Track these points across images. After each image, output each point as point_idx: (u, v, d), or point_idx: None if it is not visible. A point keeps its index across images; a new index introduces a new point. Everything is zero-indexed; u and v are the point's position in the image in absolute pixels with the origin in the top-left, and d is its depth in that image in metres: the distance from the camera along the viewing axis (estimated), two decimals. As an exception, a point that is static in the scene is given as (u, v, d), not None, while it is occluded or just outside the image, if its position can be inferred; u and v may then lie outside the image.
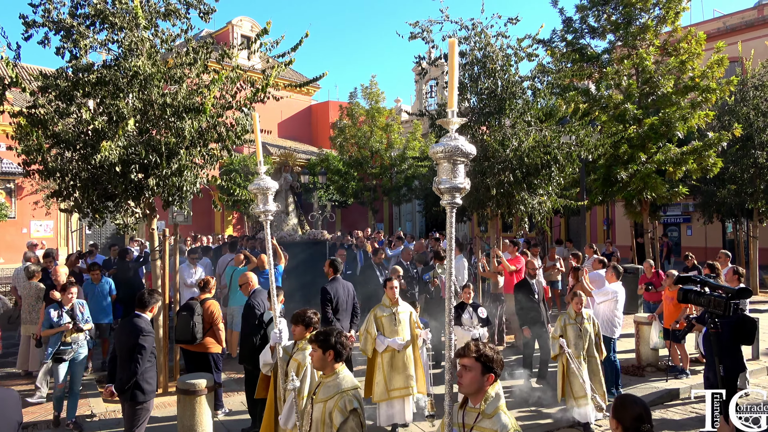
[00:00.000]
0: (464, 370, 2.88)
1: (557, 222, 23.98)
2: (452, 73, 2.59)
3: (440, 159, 2.62)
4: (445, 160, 2.61)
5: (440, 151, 2.60)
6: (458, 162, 2.61)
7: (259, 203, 4.43)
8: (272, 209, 4.44)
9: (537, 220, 10.39)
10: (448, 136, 2.62)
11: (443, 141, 2.61)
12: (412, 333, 6.30)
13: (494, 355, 2.89)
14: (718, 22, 23.49)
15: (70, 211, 7.60)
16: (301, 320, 4.50)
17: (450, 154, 2.58)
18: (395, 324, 6.20)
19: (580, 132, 9.66)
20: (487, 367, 2.86)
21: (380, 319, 6.24)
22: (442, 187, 2.64)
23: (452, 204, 2.66)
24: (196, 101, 6.92)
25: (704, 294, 3.27)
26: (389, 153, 24.40)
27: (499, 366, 2.90)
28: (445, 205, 2.68)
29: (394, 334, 6.16)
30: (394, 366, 6.13)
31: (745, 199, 14.07)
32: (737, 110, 13.71)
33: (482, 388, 2.87)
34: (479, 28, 9.77)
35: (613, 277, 7.66)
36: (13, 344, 9.12)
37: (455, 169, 2.62)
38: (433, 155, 2.64)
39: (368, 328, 6.21)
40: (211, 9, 7.44)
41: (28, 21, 6.66)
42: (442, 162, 2.62)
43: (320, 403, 3.44)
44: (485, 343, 2.97)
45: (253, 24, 27.68)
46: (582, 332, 6.38)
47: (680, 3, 11.84)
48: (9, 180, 20.33)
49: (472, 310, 7.25)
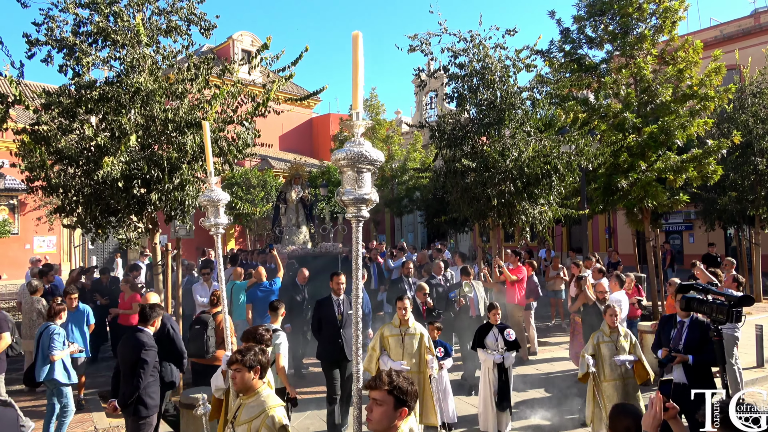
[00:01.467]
0: (374, 404, 2.61)
1: (559, 231, 23.95)
2: (356, 70, 2.36)
3: (343, 167, 2.36)
4: (349, 168, 2.35)
5: (342, 158, 2.34)
6: (363, 170, 2.36)
7: (209, 216, 4.18)
8: (223, 222, 4.20)
9: (538, 230, 10.40)
10: (352, 141, 2.36)
11: (346, 146, 2.36)
12: (421, 357, 5.86)
13: (408, 386, 2.64)
14: (715, 30, 23.64)
15: (73, 226, 7.64)
16: (252, 338, 4.19)
17: (354, 161, 2.32)
18: (402, 346, 5.83)
19: (580, 141, 9.69)
20: (400, 401, 2.61)
21: (387, 338, 5.92)
22: (345, 199, 2.37)
23: (358, 217, 2.40)
24: (198, 116, 6.99)
25: (706, 302, 3.27)
26: (390, 164, 24.48)
27: (412, 399, 2.66)
28: (350, 219, 2.42)
29: (399, 357, 5.79)
30: None
31: (746, 206, 14.08)
32: (736, 118, 13.77)
33: (393, 425, 2.61)
34: (477, 40, 9.85)
35: (616, 286, 7.65)
36: (18, 360, 9.12)
37: (360, 178, 2.36)
38: (335, 162, 2.40)
39: (374, 345, 5.95)
40: (212, 25, 7.55)
41: (31, 39, 6.74)
42: (346, 170, 2.36)
43: (243, 425, 3.26)
44: (398, 373, 2.70)
45: (253, 39, 27.93)
46: (618, 350, 5.72)
47: (677, 13, 11.92)
48: (12, 196, 20.42)
49: (498, 332, 6.59)
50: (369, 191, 2.37)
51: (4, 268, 19.36)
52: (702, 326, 5.42)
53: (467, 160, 9.30)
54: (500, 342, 6.53)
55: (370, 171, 2.37)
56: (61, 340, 6.40)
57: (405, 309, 5.92)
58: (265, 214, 21.76)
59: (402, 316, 5.94)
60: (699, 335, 5.40)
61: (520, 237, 10.91)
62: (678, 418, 2.83)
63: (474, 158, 9.45)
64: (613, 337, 5.80)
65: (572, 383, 8.42)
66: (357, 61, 2.35)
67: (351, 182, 2.36)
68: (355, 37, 2.33)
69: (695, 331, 5.46)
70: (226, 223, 4.24)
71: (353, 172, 2.35)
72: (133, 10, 7.07)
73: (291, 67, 7.63)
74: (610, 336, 5.82)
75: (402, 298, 6.06)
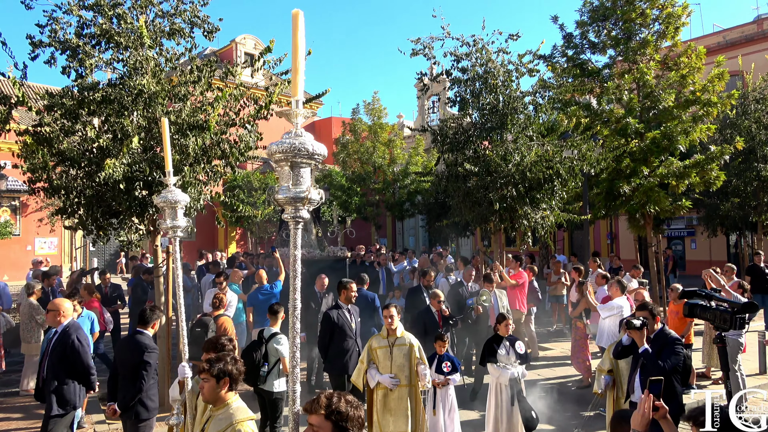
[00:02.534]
0: (311, 430, 2.38)
1: (560, 236, 23.92)
2: (296, 52, 2.12)
3: (279, 161, 2.09)
4: (285, 162, 2.08)
5: (277, 151, 2.06)
6: (302, 165, 2.09)
7: (166, 218, 3.87)
8: (182, 225, 3.91)
9: (540, 235, 10.38)
10: (290, 132, 2.11)
11: (283, 138, 2.09)
12: (412, 369, 5.43)
13: (350, 411, 2.37)
14: (718, 36, 23.63)
15: (74, 228, 7.64)
16: (213, 348, 3.91)
17: (290, 155, 2.05)
18: (390, 358, 5.41)
19: (582, 146, 9.69)
20: (340, 428, 2.34)
21: (375, 350, 5.49)
22: (279, 197, 2.10)
23: (296, 218, 2.14)
24: (200, 119, 6.99)
25: (710, 308, 3.25)
26: (392, 168, 24.49)
27: (355, 425, 2.38)
28: (287, 219, 2.17)
29: (387, 370, 5.38)
30: (386, 406, 5.35)
31: (748, 212, 14.05)
32: (739, 124, 13.76)
33: None
34: (480, 44, 9.87)
35: (617, 292, 7.62)
36: (18, 362, 9.11)
37: (298, 174, 2.10)
38: (270, 156, 2.12)
39: (362, 358, 5.56)
40: (215, 28, 7.56)
41: (35, 41, 6.76)
42: (282, 165, 2.10)
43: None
44: (341, 396, 2.44)
45: (256, 42, 28.00)
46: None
47: (680, 18, 11.93)
48: (14, 197, 20.46)
49: (509, 345, 6.01)
50: (306, 189, 2.09)
51: (6, 269, 19.38)
52: (664, 340, 4.62)
53: (469, 164, 9.30)
54: (512, 356, 5.95)
55: (309, 166, 2.11)
56: None
57: (392, 318, 5.49)
58: (266, 216, 21.76)
59: (389, 326, 5.50)
60: (658, 347, 4.58)
61: (521, 241, 10.90)
62: (668, 418, 2.81)
63: (476, 162, 9.45)
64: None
65: (574, 389, 8.39)
66: (297, 43, 2.10)
67: (287, 178, 2.09)
68: (295, 15, 2.09)
69: (654, 344, 4.64)
70: (185, 225, 3.95)
71: (290, 167, 2.08)
72: (137, 13, 7.09)
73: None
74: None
75: (388, 307, 5.62)
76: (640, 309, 4.99)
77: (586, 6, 12.53)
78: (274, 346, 5.84)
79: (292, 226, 2.17)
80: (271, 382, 5.82)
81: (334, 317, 6.52)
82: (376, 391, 5.43)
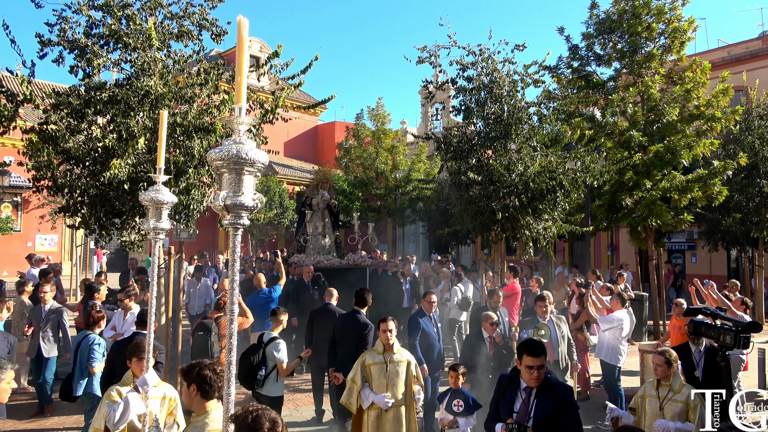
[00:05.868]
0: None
1: (561, 247, 23.91)
2: (240, 59, 2.13)
3: (220, 168, 2.10)
4: (226, 169, 2.08)
5: (217, 157, 2.05)
6: (244, 172, 2.10)
7: (149, 218, 3.52)
8: (165, 228, 3.56)
9: (542, 245, 10.37)
10: (232, 139, 2.11)
11: (224, 145, 2.09)
12: (408, 389, 5.10)
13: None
14: (723, 51, 23.70)
15: (76, 227, 7.64)
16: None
17: (230, 162, 2.05)
18: (386, 376, 5.03)
19: (586, 158, 9.70)
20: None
21: (369, 367, 5.07)
22: (220, 204, 2.10)
23: (235, 225, 2.13)
24: (206, 121, 7.00)
25: (715, 326, 3.24)
26: (394, 174, 24.53)
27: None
28: (227, 226, 2.16)
29: (382, 389, 5.00)
30: (380, 428, 4.98)
31: (750, 227, 14.05)
32: (742, 139, 13.78)
33: None
34: (486, 54, 9.89)
35: (618, 305, 7.60)
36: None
37: (240, 181, 2.10)
38: (211, 162, 2.12)
39: (354, 376, 5.10)
40: (223, 31, 7.59)
41: (44, 40, 6.78)
42: (223, 172, 2.11)
43: None
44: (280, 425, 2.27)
45: (262, 45, 28.08)
46: (664, 412, 4.29)
47: (686, 33, 11.99)
48: (16, 193, 20.49)
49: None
50: (249, 197, 2.09)
51: (6, 265, 19.38)
52: (556, 393, 3.65)
53: (472, 173, 9.30)
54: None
55: (251, 174, 2.11)
56: (101, 351, 5.81)
57: (389, 332, 5.09)
58: (267, 220, 21.77)
59: (386, 341, 5.10)
60: (552, 408, 3.60)
61: (523, 252, 10.89)
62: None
63: (479, 171, 9.45)
64: (661, 393, 4.37)
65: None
66: (242, 48, 2.10)
67: (228, 185, 2.09)
68: (240, 22, 2.07)
69: (547, 402, 3.63)
70: (168, 228, 3.63)
71: (231, 174, 2.09)
72: (146, 14, 7.12)
73: (300, 75, 7.65)
74: (657, 390, 4.44)
75: (386, 320, 5.17)
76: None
77: (593, 18, 12.59)
78: (272, 352, 5.83)
79: (231, 232, 2.16)
80: (269, 387, 5.81)
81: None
82: (367, 413, 5.01)
